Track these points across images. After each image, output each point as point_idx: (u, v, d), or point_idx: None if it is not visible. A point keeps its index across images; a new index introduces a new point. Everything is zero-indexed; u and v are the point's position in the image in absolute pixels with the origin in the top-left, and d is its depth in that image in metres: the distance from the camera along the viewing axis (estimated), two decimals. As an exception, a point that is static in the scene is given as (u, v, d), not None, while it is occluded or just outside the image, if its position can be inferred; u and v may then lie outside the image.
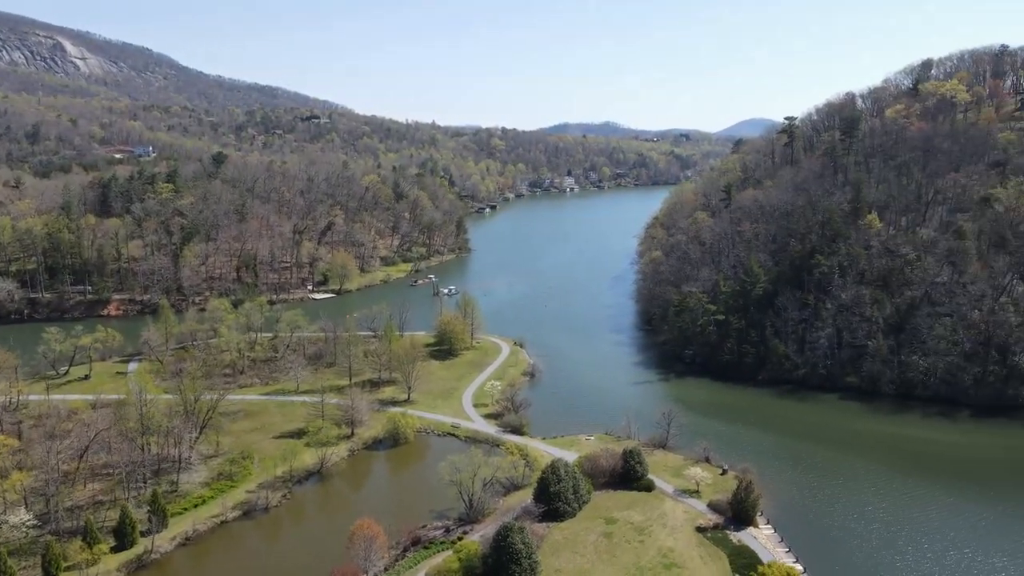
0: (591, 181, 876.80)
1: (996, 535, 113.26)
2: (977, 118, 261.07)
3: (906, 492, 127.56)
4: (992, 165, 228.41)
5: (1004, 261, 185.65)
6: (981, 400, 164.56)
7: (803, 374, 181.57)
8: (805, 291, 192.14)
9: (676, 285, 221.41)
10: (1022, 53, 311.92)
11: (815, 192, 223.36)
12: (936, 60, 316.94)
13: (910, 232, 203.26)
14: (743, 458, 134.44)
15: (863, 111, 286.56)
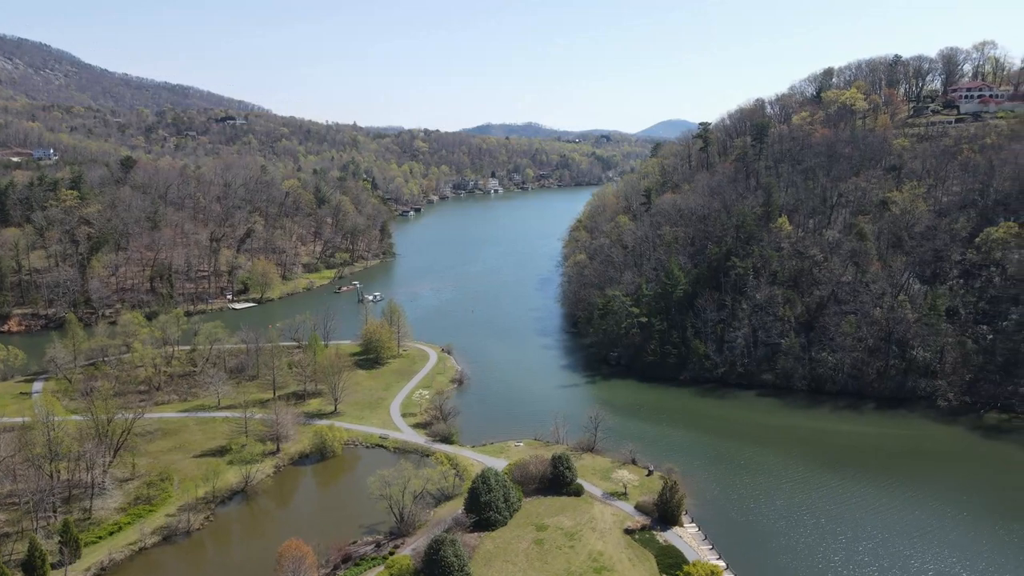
0: (515, 182, 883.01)
1: (903, 522, 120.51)
2: (874, 125, 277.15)
3: (820, 484, 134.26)
4: (888, 169, 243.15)
5: (901, 261, 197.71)
6: (884, 392, 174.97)
7: (723, 372, 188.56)
8: (723, 292, 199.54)
9: (600, 288, 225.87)
10: (914, 63, 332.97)
11: (729, 196, 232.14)
12: (837, 69, 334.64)
13: (817, 234, 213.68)
14: (668, 458, 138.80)
15: (772, 117, 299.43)
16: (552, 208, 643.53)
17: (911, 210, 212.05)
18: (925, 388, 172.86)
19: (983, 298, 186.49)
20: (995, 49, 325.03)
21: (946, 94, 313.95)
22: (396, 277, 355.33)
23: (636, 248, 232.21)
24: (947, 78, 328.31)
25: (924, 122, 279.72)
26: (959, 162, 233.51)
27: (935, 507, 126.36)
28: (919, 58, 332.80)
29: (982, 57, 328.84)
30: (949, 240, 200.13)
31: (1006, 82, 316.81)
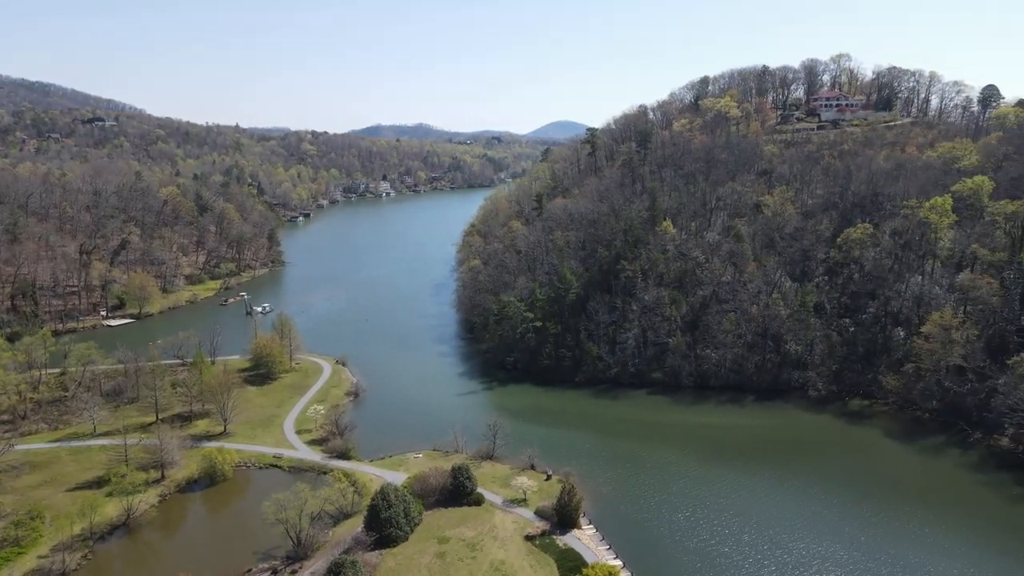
0: (407, 185, 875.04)
1: (785, 509, 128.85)
2: (747, 131, 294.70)
3: (709, 477, 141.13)
4: (760, 174, 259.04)
5: (774, 260, 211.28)
6: (762, 385, 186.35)
7: (615, 373, 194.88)
8: (613, 295, 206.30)
9: (495, 293, 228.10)
10: (780, 73, 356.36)
11: (617, 200, 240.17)
12: (712, 78, 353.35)
13: (699, 236, 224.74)
14: (566, 461, 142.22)
15: (654, 123, 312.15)
16: (445, 211, 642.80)
17: (781, 212, 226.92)
18: (798, 379, 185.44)
19: (845, 293, 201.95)
20: (850, 61, 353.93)
21: (808, 103, 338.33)
22: (286, 287, 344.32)
23: (529, 253, 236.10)
24: (809, 87, 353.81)
25: (790, 129, 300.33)
26: (821, 167, 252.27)
27: (812, 492, 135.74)
28: (784, 68, 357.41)
29: (838, 68, 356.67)
30: (815, 240, 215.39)
31: (859, 92, 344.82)
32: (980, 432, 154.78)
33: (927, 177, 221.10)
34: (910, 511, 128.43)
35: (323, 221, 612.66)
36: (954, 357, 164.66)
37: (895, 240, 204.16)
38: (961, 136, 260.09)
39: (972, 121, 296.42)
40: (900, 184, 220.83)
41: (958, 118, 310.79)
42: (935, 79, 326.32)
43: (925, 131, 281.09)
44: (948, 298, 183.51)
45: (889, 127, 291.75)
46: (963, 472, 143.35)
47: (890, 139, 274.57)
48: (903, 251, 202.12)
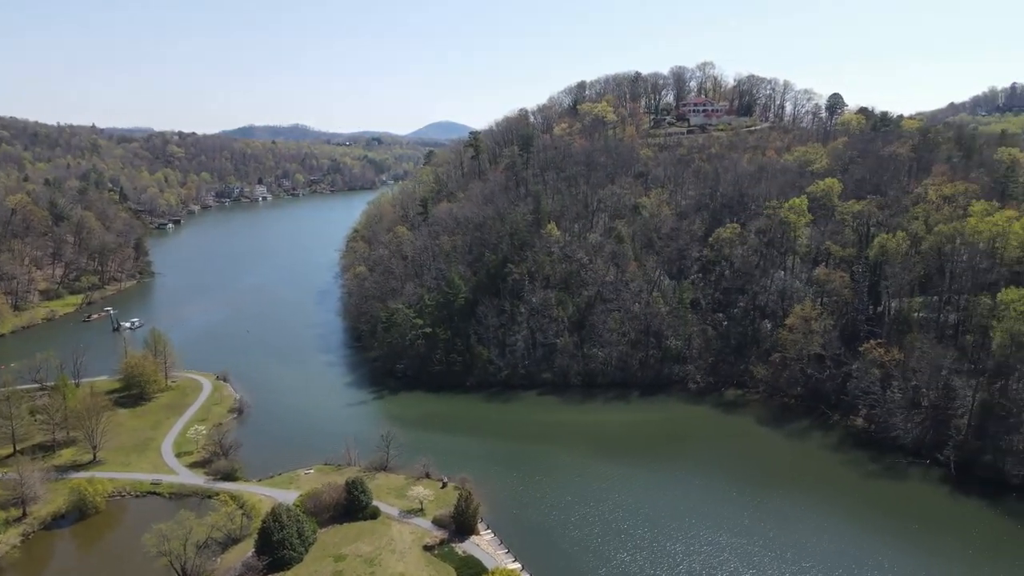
0: (285, 189, 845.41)
1: (673, 500, 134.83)
2: (623, 135, 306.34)
3: (601, 474, 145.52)
4: (637, 176, 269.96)
5: (653, 260, 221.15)
6: (646, 380, 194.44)
7: (506, 375, 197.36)
8: (502, 298, 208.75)
9: (383, 300, 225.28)
10: (651, 79, 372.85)
11: (502, 204, 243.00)
12: (588, 83, 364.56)
13: (582, 238, 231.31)
14: (462, 467, 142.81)
15: (535, 127, 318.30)
16: (326, 215, 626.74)
17: (658, 214, 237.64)
18: (678, 373, 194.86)
19: (718, 289, 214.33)
20: (714, 69, 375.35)
21: (678, 108, 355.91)
22: (157, 299, 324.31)
23: (416, 258, 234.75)
24: (678, 93, 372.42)
25: (663, 133, 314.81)
26: (692, 170, 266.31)
27: (696, 481, 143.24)
28: (655, 75, 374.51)
29: (704, 75, 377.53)
30: (689, 240, 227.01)
31: (723, 98, 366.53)
32: (838, 414, 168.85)
33: (785, 179, 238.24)
34: (783, 492, 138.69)
35: (195, 228, 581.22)
36: (814, 346, 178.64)
37: (760, 238, 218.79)
38: (813, 140, 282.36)
39: (821, 126, 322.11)
40: (762, 186, 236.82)
41: (809, 123, 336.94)
42: (788, 87, 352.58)
43: (782, 135, 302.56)
44: (807, 291, 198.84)
45: (751, 131, 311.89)
46: (826, 452, 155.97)
47: (752, 143, 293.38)
48: (767, 248, 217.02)
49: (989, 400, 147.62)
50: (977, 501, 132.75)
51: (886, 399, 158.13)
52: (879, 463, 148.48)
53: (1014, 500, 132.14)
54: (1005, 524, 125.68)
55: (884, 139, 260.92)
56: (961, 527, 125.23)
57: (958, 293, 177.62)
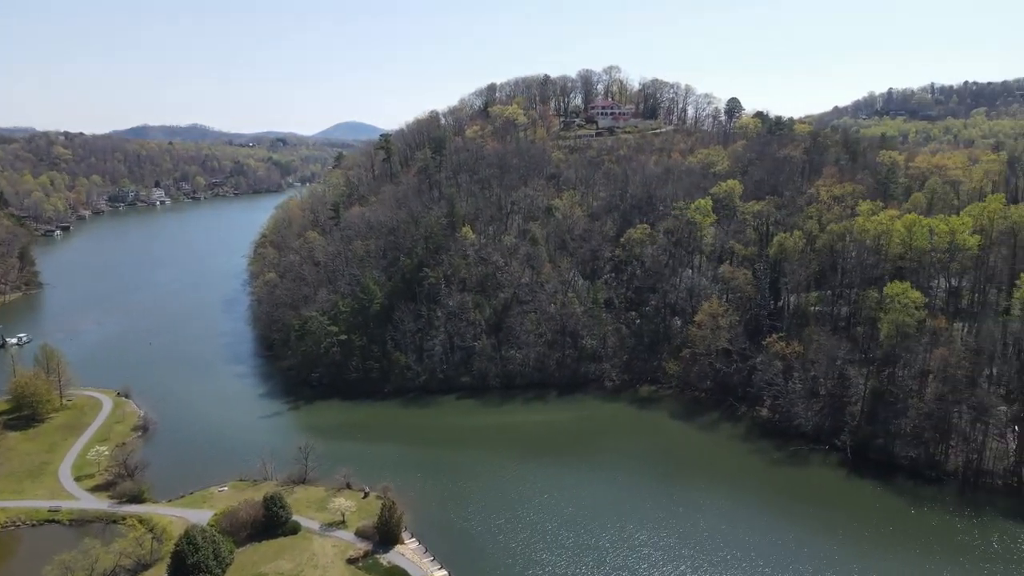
0: (184, 192, 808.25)
1: (597, 499, 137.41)
2: (534, 137, 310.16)
3: (524, 475, 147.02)
4: (549, 178, 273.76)
5: (567, 261, 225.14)
6: (563, 380, 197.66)
7: (424, 380, 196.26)
8: (418, 302, 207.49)
9: (295, 308, 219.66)
10: (560, 82, 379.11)
11: (416, 207, 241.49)
12: (499, 85, 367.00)
13: (497, 240, 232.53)
14: (383, 476, 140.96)
15: (447, 129, 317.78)
16: (231, 220, 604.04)
17: (571, 215, 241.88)
18: (594, 372, 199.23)
19: (630, 288, 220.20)
20: (619, 72, 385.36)
21: (587, 111, 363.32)
22: (47, 312, 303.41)
23: (329, 264, 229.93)
24: (586, 96, 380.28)
25: (573, 135, 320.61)
26: (602, 172, 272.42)
27: (615, 478, 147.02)
28: (563, 78, 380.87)
29: (610, 79, 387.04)
30: (601, 240, 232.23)
31: (629, 101, 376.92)
32: (745, 406, 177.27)
33: (690, 181, 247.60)
34: (697, 483, 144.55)
35: (87, 235, 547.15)
36: (721, 341, 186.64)
37: (668, 238, 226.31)
38: (715, 143, 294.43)
39: (721, 129, 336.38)
40: (669, 187, 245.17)
41: (710, 126, 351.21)
42: (690, 91, 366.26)
43: (685, 138, 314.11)
44: (714, 289, 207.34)
45: (656, 134, 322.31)
46: (735, 443, 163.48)
47: (658, 145, 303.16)
48: (676, 248, 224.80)
49: (879, 387, 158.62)
50: (871, 482, 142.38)
51: (788, 390, 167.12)
52: (783, 451, 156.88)
53: (903, 479, 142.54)
54: (895, 502, 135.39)
55: (779, 142, 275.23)
56: (857, 507, 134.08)
57: (849, 287, 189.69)
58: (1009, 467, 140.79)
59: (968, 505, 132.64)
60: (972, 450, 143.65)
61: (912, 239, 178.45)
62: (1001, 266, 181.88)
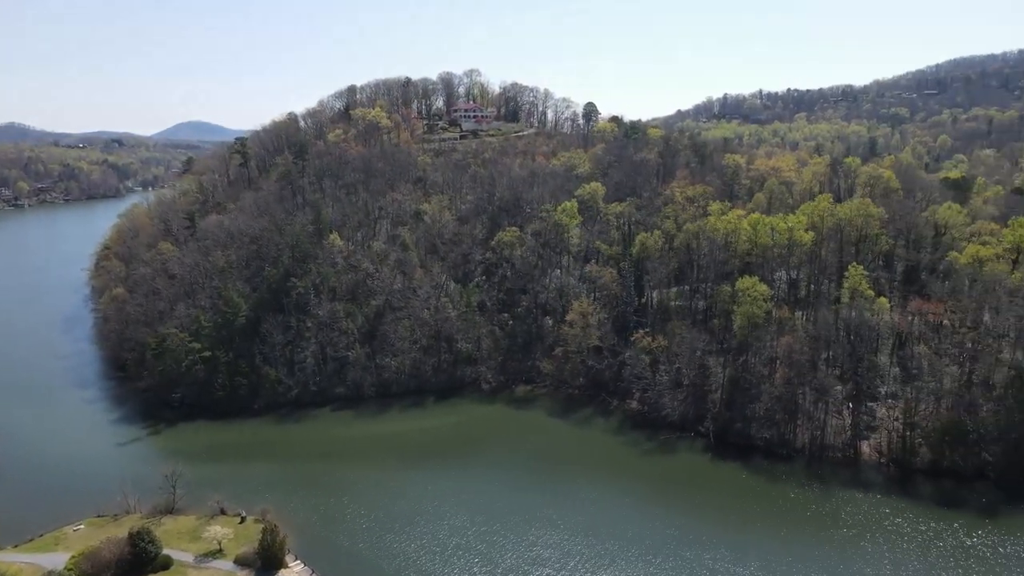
0: (4, 199, 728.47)
1: (483, 503, 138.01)
2: (399, 140, 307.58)
3: (407, 486, 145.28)
4: (416, 182, 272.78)
5: (439, 265, 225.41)
6: (440, 385, 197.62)
7: (296, 394, 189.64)
8: (287, 314, 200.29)
9: (150, 325, 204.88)
10: (422, 84, 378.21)
11: (279, 215, 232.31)
12: (359, 87, 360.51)
13: (366, 246, 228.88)
14: (261, 498, 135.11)
15: (307, 132, 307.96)
16: (63, 229, 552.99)
17: (440, 219, 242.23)
18: (471, 375, 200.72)
19: (501, 290, 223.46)
20: (480, 76, 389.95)
21: (449, 113, 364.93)
22: None
23: (186, 277, 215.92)
24: (448, 99, 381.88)
25: (437, 139, 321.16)
26: (470, 175, 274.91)
27: (500, 480, 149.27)
28: (425, 80, 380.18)
29: (471, 82, 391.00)
30: (471, 243, 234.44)
31: (491, 104, 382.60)
32: (617, 400, 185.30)
33: (555, 183, 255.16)
34: (577, 478, 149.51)
35: None
36: (592, 339, 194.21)
37: (537, 240, 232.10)
38: (576, 146, 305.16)
39: (580, 132, 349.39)
40: (535, 190, 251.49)
41: (569, 129, 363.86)
42: (549, 95, 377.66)
43: (547, 141, 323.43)
44: (582, 288, 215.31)
45: (519, 137, 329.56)
46: (609, 436, 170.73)
47: (521, 148, 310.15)
48: (544, 249, 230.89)
49: (735, 375, 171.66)
50: (732, 463, 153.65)
51: (656, 382, 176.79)
52: (654, 440, 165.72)
53: (760, 459, 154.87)
54: (754, 480, 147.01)
55: (635, 146, 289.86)
56: (722, 488, 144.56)
57: (704, 283, 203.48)
58: (846, 440, 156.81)
59: (815, 478, 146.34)
60: (816, 427, 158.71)
61: (757, 236, 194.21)
62: (831, 259, 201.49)
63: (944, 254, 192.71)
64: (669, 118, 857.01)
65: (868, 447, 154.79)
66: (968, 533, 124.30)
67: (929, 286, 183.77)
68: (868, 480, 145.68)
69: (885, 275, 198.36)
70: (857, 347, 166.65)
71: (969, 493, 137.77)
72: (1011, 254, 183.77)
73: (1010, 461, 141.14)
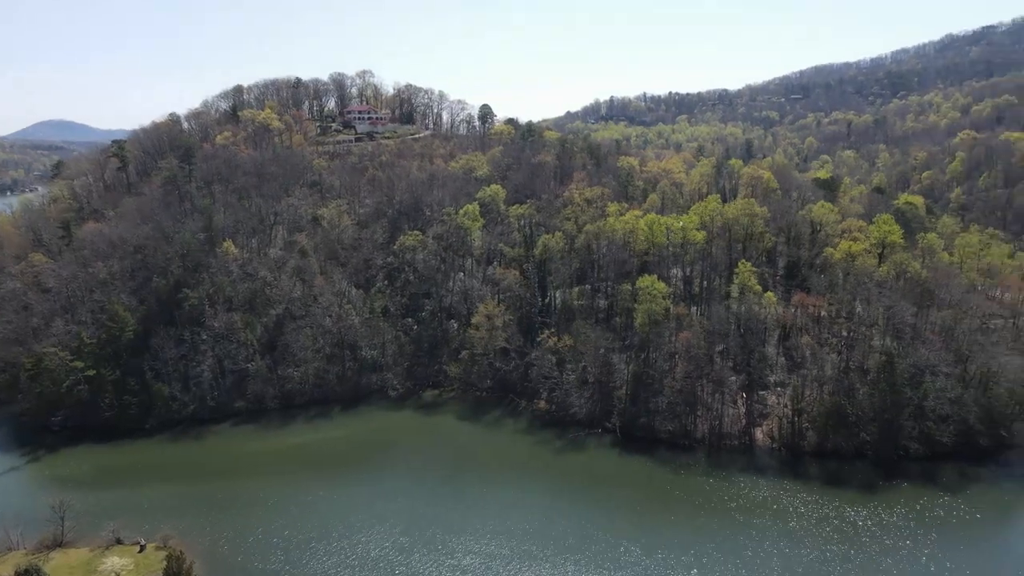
0: None
1: (403, 512, 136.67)
2: (291, 143, 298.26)
3: (319, 500, 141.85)
4: (311, 186, 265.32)
5: (340, 272, 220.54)
6: (346, 394, 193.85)
7: (193, 410, 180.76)
8: (179, 326, 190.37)
9: (22, 343, 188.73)
10: (313, 84, 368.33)
11: (166, 222, 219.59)
12: (246, 87, 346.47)
13: (262, 254, 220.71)
14: (161, 523, 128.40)
15: (192, 135, 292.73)
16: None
17: (339, 224, 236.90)
18: (377, 382, 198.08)
19: (405, 295, 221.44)
20: (373, 77, 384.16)
21: (343, 115, 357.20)
22: None
23: (63, 291, 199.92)
24: (341, 100, 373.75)
25: (332, 141, 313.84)
26: (367, 178, 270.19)
27: (413, 488, 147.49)
28: (316, 81, 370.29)
29: (364, 83, 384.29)
30: (372, 248, 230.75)
31: (385, 106, 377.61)
32: (525, 400, 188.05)
33: (455, 186, 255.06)
34: (492, 481, 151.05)
35: None
36: (499, 341, 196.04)
37: (439, 243, 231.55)
38: (473, 149, 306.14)
39: (476, 135, 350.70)
40: (435, 193, 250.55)
41: (465, 131, 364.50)
42: (444, 97, 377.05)
43: (444, 143, 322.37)
44: (486, 290, 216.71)
45: (416, 139, 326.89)
46: (519, 436, 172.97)
47: (418, 151, 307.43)
48: (447, 253, 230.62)
49: (639, 371, 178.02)
50: (639, 457, 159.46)
51: (563, 381, 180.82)
52: (563, 438, 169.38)
53: (664, 451, 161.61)
54: (660, 472, 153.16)
55: (532, 148, 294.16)
56: (630, 481, 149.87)
57: (605, 282, 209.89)
58: (742, 428, 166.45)
59: (716, 466, 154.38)
60: (714, 418, 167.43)
61: (654, 236, 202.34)
62: (720, 257, 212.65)
63: (821, 250, 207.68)
64: (559, 119, 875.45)
65: (761, 433, 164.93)
66: (853, 508, 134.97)
67: (809, 280, 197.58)
68: (763, 465, 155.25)
69: (769, 271, 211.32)
70: (748, 339, 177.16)
71: (851, 471, 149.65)
72: (877, 249, 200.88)
73: (884, 440, 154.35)
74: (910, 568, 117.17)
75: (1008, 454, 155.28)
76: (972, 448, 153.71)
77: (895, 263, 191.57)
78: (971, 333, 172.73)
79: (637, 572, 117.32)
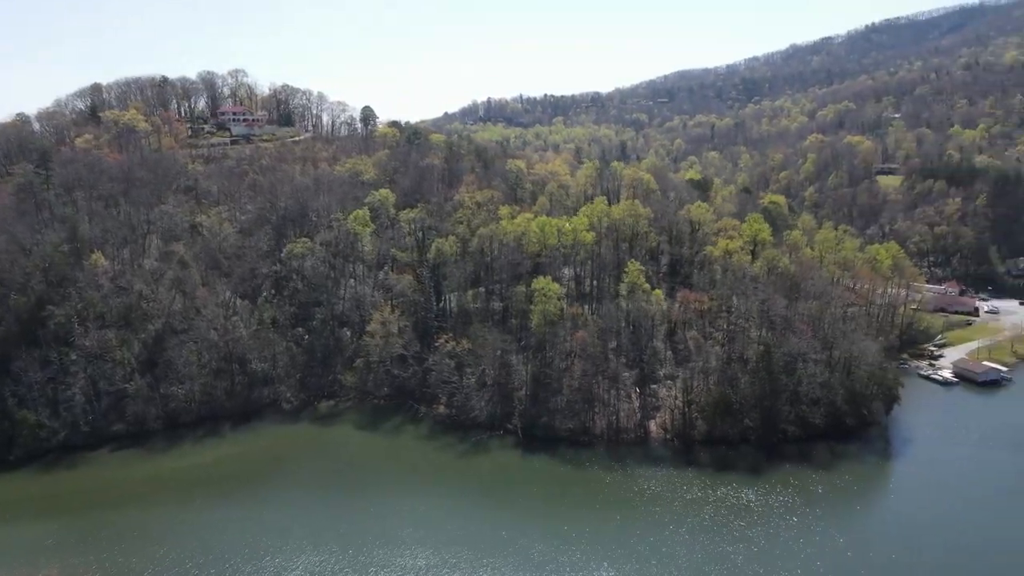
0: None
1: (314, 531, 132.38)
2: (160, 146, 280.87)
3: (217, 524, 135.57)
4: (186, 192, 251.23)
5: (223, 282, 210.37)
6: (236, 410, 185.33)
7: (65, 437, 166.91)
8: (44, 347, 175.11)
9: None
10: (181, 83, 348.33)
11: (21, 233, 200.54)
12: (105, 86, 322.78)
13: (136, 265, 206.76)
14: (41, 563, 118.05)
15: (46, 137, 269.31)
16: None
17: (219, 232, 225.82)
18: (269, 395, 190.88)
19: (294, 304, 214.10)
20: (246, 76, 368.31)
21: (216, 116, 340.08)
22: None
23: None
24: (212, 101, 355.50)
25: (206, 144, 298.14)
26: (247, 183, 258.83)
27: (315, 503, 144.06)
28: (183, 80, 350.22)
29: (237, 83, 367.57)
30: (257, 257, 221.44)
31: (261, 107, 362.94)
32: (425, 406, 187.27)
33: (342, 191, 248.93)
34: (395, 489, 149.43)
35: None
36: (395, 347, 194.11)
37: (328, 250, 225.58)
38: (358, 152, 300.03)
39: (358, 137, 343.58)
40: (322, 198, 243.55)
41: (347, 133, 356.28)
42: (323, 98, 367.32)
43: (326, 146, 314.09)
44: (379, 296, 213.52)
45: (296, 142, 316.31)
46: (421, 443, 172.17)
47: (300, 154, 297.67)
48: (336, 259, 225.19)
49: (537, 371, 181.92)
50: (541, 456, 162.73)
51: (462, 385, 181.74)
52: (465, 442, 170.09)
53: (565, 448, 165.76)
54: (562, 469, 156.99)
55: (419, 151, 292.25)
56: (533, 480, 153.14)
57: (499, 284, 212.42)
58: (637, 422, 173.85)
59: (614, 460, 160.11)
60: (611, 413, 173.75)
61: (545, 237, 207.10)
62: (608, 256, 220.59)
63: (701, 248, 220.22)
64: (437, 120, 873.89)
65: (655, 425, 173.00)
66: (743, 491, 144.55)
67: (691, 277, 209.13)
68: (658, 455, 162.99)
69: (653, 269, 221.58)
70: (639, 336, 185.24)
71: (738, 456, 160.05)
72: (750, 246, 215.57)
73: (766, 425, 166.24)
74: (804, 538, 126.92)
75: (869, 431, 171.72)
76: (840, 427, 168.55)
77: (767, 259, 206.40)
78: (834, 322, 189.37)
79: (555, 569, 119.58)
